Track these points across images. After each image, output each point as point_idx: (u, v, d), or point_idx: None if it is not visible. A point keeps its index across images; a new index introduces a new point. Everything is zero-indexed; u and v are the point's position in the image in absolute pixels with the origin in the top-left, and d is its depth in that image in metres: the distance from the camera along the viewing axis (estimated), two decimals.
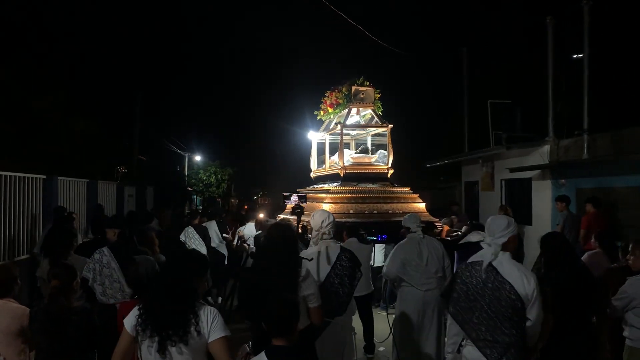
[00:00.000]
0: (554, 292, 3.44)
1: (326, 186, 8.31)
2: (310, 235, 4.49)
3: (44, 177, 8.45)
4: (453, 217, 10.22)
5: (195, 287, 2.61)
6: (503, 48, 15.86)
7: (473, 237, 6.04)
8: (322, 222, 3.98)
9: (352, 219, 7.24)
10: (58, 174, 9.31)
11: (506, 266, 3.02)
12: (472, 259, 3.18)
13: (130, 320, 2.57)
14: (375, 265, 7.24)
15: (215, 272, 7.46)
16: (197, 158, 30.75)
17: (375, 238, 7.03)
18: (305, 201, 5.70)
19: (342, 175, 8.13)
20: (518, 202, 10.94)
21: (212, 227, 8.30)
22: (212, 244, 8.08)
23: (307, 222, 6.43)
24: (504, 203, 11.51)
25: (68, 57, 16.72)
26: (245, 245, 8.33)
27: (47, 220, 8.18)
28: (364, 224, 6.93)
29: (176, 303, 2.48)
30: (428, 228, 5.84)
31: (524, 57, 14.49)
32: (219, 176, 25.84)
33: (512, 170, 9.79)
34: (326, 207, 7.16)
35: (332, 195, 7.62)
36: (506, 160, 11.34)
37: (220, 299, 8.13)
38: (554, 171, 9.54)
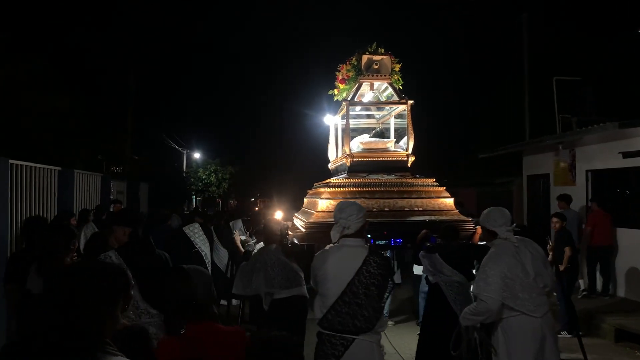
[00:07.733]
0: None
1: (333, 179, 6.47)
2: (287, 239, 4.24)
3: None
4: None
5: (97, 325, 1.65)
6: (571, 12, 13.33)
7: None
8: (345, 213, 3.32)
9: None
10: (22, 158, 7.25)
11: None
12: None
13: None
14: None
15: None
16: (197, 155, 28.84)
17: (385, 242, 5.64)
18: None
19: (348, 164, 6.16)
20: (614, 199, 8.66)
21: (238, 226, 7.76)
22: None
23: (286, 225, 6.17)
24: (590, 199, 9.20)
25: (56, 29, 14.43)
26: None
27: None
28: (372, 225, 5.23)
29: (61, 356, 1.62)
30: (453, 233, 4.92)
31: (598, 23, 12.05)
32: (220, 175, 23.61)
33: (626, 155, 7.35)
34: (323, 203, 5.75)
35: (330, 189, 5.88)
36: (590, 147, 9.10)
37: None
38: None
